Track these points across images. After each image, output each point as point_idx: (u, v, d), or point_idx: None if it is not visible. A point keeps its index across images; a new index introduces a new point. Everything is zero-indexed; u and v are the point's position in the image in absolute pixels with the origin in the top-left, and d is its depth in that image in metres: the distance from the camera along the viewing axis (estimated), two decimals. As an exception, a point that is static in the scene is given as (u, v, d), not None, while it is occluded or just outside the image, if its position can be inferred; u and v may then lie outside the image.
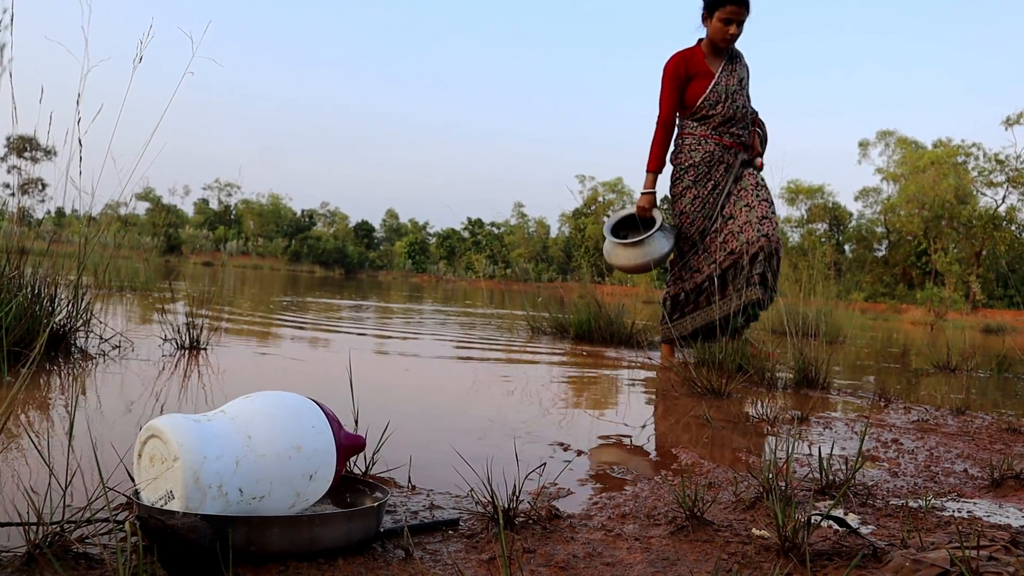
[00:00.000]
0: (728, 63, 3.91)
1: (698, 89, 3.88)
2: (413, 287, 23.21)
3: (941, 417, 2.61)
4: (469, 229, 63.07)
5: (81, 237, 2.65)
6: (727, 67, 3.90)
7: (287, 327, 4.66)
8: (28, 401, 1.80)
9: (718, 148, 3.90)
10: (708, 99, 3.86)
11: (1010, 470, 1.64)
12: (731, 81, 3.88)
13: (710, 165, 3.91)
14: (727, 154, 3.93)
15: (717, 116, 3.87)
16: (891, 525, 1.25)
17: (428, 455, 1.58)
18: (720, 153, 3.91)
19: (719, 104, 3.86)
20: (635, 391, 2.97)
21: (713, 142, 3.90)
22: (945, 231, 39.83)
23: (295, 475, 1.01)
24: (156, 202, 54.82)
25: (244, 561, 0.91)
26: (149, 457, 0.97)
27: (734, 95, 3.88)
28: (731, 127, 3.91)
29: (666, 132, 3.96)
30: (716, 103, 3.86)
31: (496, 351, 4.11)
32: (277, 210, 60.75)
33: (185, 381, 2.33)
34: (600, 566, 1.02)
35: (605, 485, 1.47)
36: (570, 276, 13.97)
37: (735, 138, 3.93)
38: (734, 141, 3.93)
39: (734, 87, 3.88)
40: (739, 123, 3.92)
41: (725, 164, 3.92)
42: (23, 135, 2.49)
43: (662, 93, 3.93)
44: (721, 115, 3.87)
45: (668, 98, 3.92)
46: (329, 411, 1.09)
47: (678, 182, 4.00)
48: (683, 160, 3.96)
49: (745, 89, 3.96)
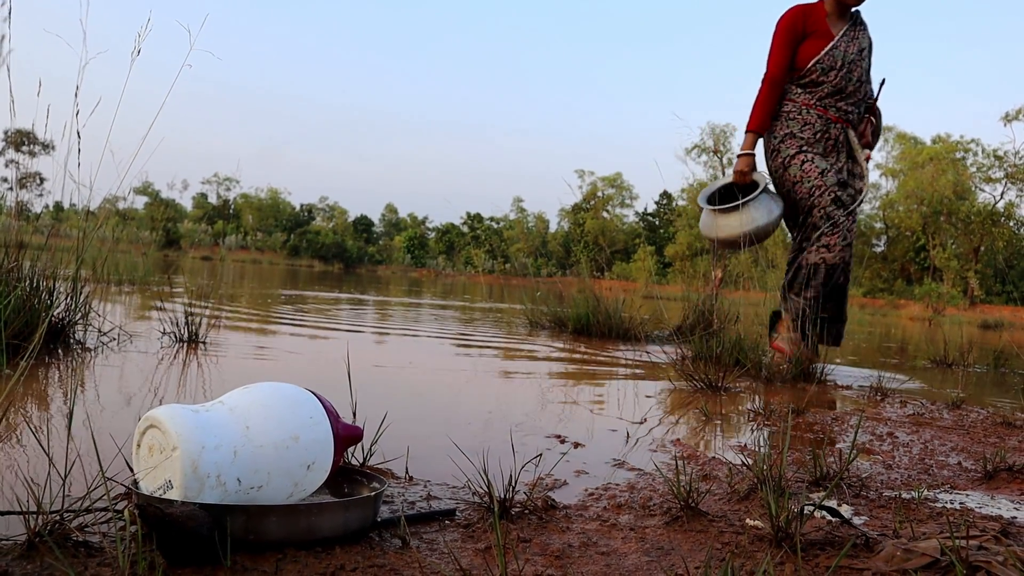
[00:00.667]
0: (851, 27, 3.43)
1: (812, 50, 3.40)
2: (412, 282, 23.22)
3: (936, 411, 2.63)
4: (468, 224, 63.06)
5: (80, 231, 2.65)
6: (849, 32, 3.42)
7: (285, 321, 4.67)
8: (27, 393, 1.81)
9: (820, 121, 3.42)
10: (821, 62, 3.38)
11: (1003, 463, 1.65)
12: (851, 48, 3.40)
13: (812, 136, 3.43)
14: (832, 128, 3.43)
15: (827, 85, 3.39)
16: (884, 516, 1.27)
17: (425, 447, 1.59)
18: (823, 127, 3.42)
19: (832, 71, 3.37)
20: (632, 385, 2.98)
21: (816, 114, 3.42)
22: (944, 227, 39.87)
23: (293, 465, 1.02)
24: (154, 196, 54.73)
25: (242, 549, 0.92)
26: (148, 447, 0.97)
27: (852, 65, 3.39)
28: (840, 101, 3.42)
29: (773, 90, 3.45)
30: (829, 69, 3.37)
31: (494, 345, 4.11)
32: (276, 204, 60.70)
33: (183, 373, 2.33)
34: (595, 555, 1.03)
35: (601, 476, 1.48)
36: (569, 271, 13.98)
37: (842, 114, 3.44)
38: (840, 117, 3.44)
39: (853, 55, 3.39)
40: (850, 98, 3.44)
41: (832, 140, 3.44)
42: (21, 129, 2.49)
43: (772, 47, 3.46)
44: (832, 84, 3.38)
45: (779, 53, 3.44)
46: (327, 402, 1.10)
47: (776, 155, 3.50)
48: (778, 128, 3.50)
49: (865, 61, 3.47)
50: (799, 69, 3.44)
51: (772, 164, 3.54)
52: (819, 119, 3.42)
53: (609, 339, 4.74)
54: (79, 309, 2.63)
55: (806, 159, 3.40)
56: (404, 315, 6.42)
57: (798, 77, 3.45)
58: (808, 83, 3.43)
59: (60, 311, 2.56)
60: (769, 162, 3.56)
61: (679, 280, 24.05)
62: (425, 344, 3.96)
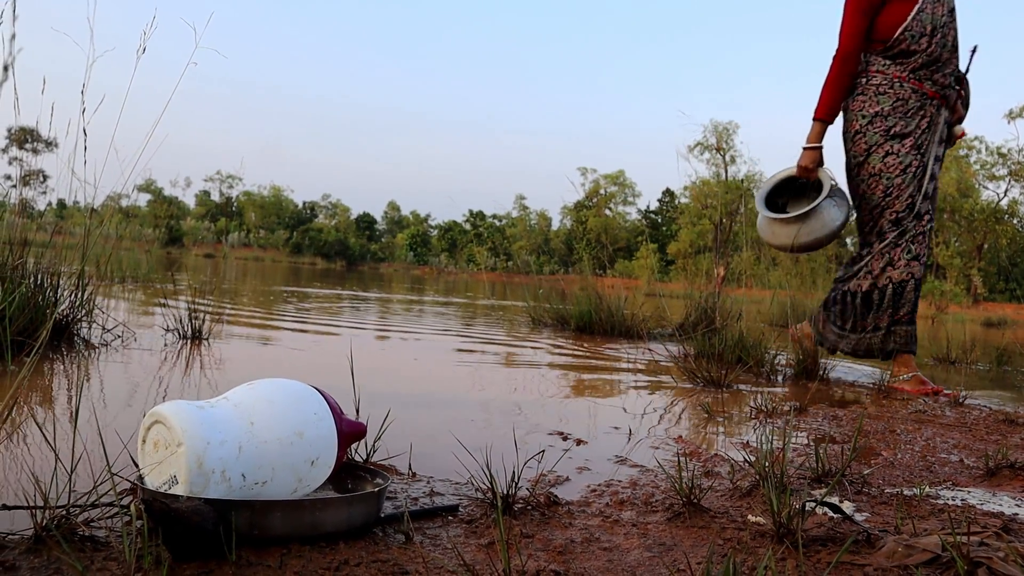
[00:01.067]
0: None
1: (896, 16, 2.99)
2: (415, 279, 23.23)
3: (939, 408, 2.63)
4: (471, 221, 63.06)
5: (85, 228, 2.66)
6: None
7: (288, 318, 4.68)
8: (33, 389, 1.82)
9: (915, 96, 3.01)
10: (910, 29, 2.97)
11: (1005, 460, 1.65)
12: (939, 10, 3.00)
13: (905, 116, 3.02)
14: (928, 104, 3.03)
15: (920, 54, 2.98)
16: (885, 512, 1.27)
17: (428, 443, 1.59)
18: (918, 102, 3.02)
19: (924, 38, 2.97)
20: (634, 382, 2.98)
21: (910, 87, 3.01)
22: (947, 224, 39.80)
23: (297, 461, 1.03)
24: (157, 194, 54.87)
25: (247, 544, 0.93)
26: (153, 443, 0.98)
27: (944, 28, 3.00)
28: (936, 72, 3.02)
29: (845, 69, 3.06)
30: (920, 36, 2.97)
31: (497, 343, 4.12)
32: (279, 202, 60.78)
33: (187, 370, 2.34)
34: (597, 551, 1.04)
35: (603, 473, 1.49)
36: (571, 269, 14.00)
37: (939, 88, 3.04)
38: (937, 91, 3.04)
39: (943, 18, 3.00)
40: (945, 67, 3.04)
41: (928, 118, 3.03)
42: (24, 126, 2.50)
43: (845, 16, 3.05)
44: (925, 53, 2.98)
45: (854, 22, 3.02)
46: (330, 398, 1.10)
47: (859, 136, 3.09)
48: (867, 106, 3.06)
49: (955, 23, 3.08)
50: (884, 39, 3.02)
51: (852, 150, 3.13)
52: (914, 94, 3.01)
53: (611, 337, 4.74)
54: (83, 306, 2.64)
55: (891, 150, 3.01)
56: (406, 313, 6.43)
57: (884, 48, 3.04)
58: (898, 54, 3.02)
59: (64, 308, 2.57)
60: (848, 146, 3.16)
61: (681, 278, 24.05)
62: (427, 342, 3.96)
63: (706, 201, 43.57)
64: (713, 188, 44.31)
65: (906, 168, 3.00)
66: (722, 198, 42.22)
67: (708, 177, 45.90)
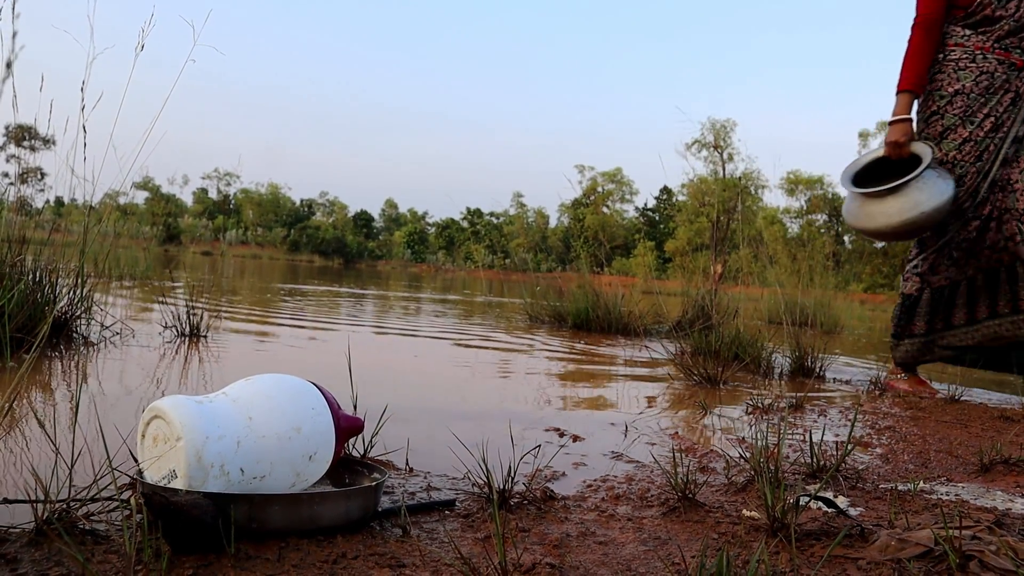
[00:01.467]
0: None
1: None
2: (412, 277, 23.23)
3: (935, 405, 2.64)
4: (468, 219, 63.05)
5: (83, 225, 2.66)
6: None
7: (286, 315, 4.68)
8: (32, 385, 1.83)
9: (1002, 68, 2.72)
10: None
11: (999, 455, 1.67)
12: None
13: (988, 92, 2.72)
14: (1016, 79, 2.73)
15: (1007, 20, 2.70)
16: (880, 507, 1.28)
17: (425, 439, 1.60)
18: (1005, 76, 2.72)
19: (1011, 2, 2.69)
20: (630, 378, 3.00)
21: (995, 59, 2.72)
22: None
23: (295, 456, 1.04)
24: (155, 191, 54.76)
25: (246, 537, 0.93)
26: (152, 437, 0.99)
27: None
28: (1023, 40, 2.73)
29: (928, 37, 2.78)
30: (1007, 0, 2.69)
31: (494, 339, 4.13)
32: (276, 200, 60.71)
33: (185, 366, 2.35)
34: (593, 545, 1.04)
35: (599, 468, 1.50)
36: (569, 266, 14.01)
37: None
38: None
39: None
40: None
41: (1012, 93, 2.72)
42: (22, 124, 2.51)
43: None
44: (1013, 19, 2.69)
45: None
46: (328, 393, 1.11)
47: (936, 118, 2.80)
48: (945, 84, 2.79)
49: None
50: (965, 6, 2.75)
51: (925, 131, 2.85)
52: (1000, 65, 2.72)
53: (608, 334, 4.75)
54: (81, 303, 2.64)
55: (968, 136, 2.73)
56: (404, 310, 6.44)
57: (964, 16, 2.77)
58: (981, 20, 2.74)
59: (63, 305, 2.57)
60: (921, 127, 2.88)
61: (679, 275, 24.06)
62: (425, 338, 3.97)
63: (704, 199, 43.57)
64: (711, 186, 44.29)
65: (981, 155, 2.74)
66: (719, 196, 42.23)
67: (706, 174, 45.92)
